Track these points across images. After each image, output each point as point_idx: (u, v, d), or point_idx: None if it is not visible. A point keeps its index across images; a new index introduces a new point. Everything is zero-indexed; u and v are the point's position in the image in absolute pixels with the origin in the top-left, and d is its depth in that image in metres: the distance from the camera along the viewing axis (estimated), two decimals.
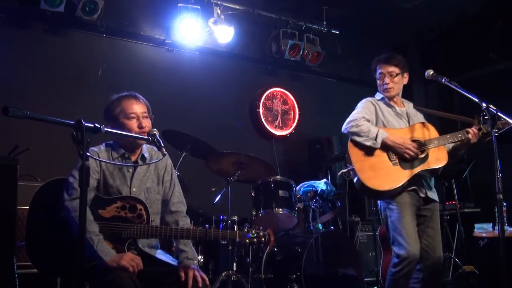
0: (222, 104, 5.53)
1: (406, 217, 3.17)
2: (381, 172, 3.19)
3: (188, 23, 5.13)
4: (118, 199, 2.44)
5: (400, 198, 3.21)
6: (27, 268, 3.12)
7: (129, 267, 2.24)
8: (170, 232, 2.44)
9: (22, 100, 4.26)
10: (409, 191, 3.22)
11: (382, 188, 3.16)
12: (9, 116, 1.75)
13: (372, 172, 3.20)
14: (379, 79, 3.47)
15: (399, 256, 3.14)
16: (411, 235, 3.15)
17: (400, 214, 3.18)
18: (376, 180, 3.17)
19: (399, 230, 3.16)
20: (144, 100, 2.65)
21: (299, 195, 4.35)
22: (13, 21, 4.52)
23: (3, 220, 2.92)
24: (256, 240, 2.50)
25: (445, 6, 5.93)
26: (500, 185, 2.52)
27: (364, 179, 3.17)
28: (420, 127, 3.35)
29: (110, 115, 2.57)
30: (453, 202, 5.55)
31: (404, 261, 3.11)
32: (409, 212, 3.20)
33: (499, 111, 2.64)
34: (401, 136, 3.27)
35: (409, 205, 3.22)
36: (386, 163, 3.21)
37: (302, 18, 5.95)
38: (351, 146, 3.28)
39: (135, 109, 2.55)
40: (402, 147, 3.18)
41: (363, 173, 3.20)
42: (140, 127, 2.52)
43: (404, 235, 3.13)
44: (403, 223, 3.16)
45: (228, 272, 3.81)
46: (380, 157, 3.23)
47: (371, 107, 3.44)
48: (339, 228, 4.98)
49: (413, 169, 3.18)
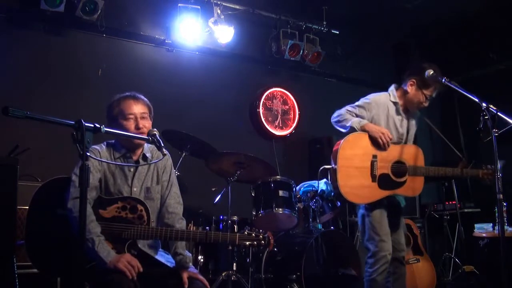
0: (222, 104, 5.53)
1: (380, 217, 3.34)
2: (358, 184, 3.27)
3: (188, 23, 5.12)
4: (119, 200, 2.44)
5: (375, 202, 3.34)
6: (27, 268, 3.12)
7: (126, 271, 2.24)
8: (171, 233, 2.44)
9: (22, 100, 4.26)
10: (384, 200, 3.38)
11: (353, 200, 3.32)
12: (9, 116, 1.75)
13: (350, 182, 3.27)
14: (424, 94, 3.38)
15: (375, 254, 3.29)
16: (386, 233, 3.33)
17: (376, 214, 3.34)
18: (350, 192, 3.27)
19: (376, 228, 3.32)
20: (145, 100, 2.64)
21: (299, 195, 4.36)
22: (13, 21, 4.52)
23: (3, 220, 2.91)
24: (256, 243, 2.51)
25: (445, 6, 5.93)
26: (500, 185, 2.52)
27: (341, 186, 3.25)
28: (410, 150, 3.41)
29: (110, 116, 2.58)
30: (453, 202, 5.56)
31: (381, 259, 3.27)
32: (383, 212, 3.36)
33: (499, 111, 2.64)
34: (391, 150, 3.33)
35: (384, 206, 3.37)
36: (366, 176, 3.28)
37: (302, 18, 5.95)
38: (342, 148, 3.30)
39: (133, 110, 2.55)
40: (378, 132, 3.27)
41: (342, 179, 3.26)
42: (137, 128, 2.52)
43: (379, 233, 3.31)
44: (378, 222, 3.33)
45: (228, 272, 3.82)
46: (363, 169, 3.29)
47: (367, 110, 3.42)
48: (339, 228, 4.98)
49: (388, 191, 3.31)
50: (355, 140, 3.32)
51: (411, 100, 3.44)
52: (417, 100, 3.42)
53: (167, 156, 2.68)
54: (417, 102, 3.43)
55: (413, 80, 3.41)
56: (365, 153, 3.29)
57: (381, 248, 3.28)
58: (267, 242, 2.53)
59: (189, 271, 2.52)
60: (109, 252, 2.29)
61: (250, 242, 2.51)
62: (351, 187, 3.26)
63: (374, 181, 3.27)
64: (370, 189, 3.27)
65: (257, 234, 2.51)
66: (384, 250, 3.28)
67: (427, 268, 4.66)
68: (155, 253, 2.53)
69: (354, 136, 3.32)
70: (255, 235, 2.51)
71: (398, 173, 3.32)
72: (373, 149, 3.30)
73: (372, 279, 3.29)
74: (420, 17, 6.21)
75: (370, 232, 3.34)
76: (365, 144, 3.30)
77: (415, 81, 3.40)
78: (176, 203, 2.67)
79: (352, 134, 3.32)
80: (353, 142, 3.31)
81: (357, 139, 3.32)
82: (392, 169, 3.32)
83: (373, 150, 3.30)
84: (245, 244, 2.51)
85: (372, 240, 3.33)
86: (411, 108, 3.48)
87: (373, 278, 3.29)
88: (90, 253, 2.26)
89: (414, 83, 3.40)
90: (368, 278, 3.33)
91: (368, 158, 3.29)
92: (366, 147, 3.30)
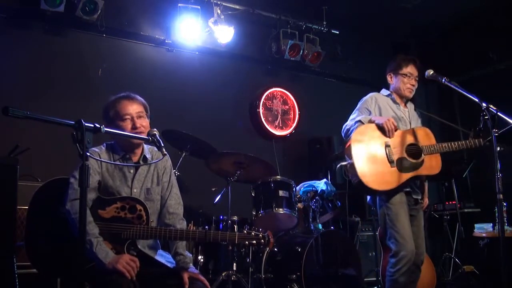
0: (222, 104, 5.53)
1: (402, 216, 3.30)
2: (378, 170, 3.26)
3: (188, 23, 5.13)
4: (117, 200, 2.43)
5: (396, 198, 3.32)
6: (27, 268, 3.11)
7: (125, 272, 2.23)
8: (170, 233, 2.43)
9: (22, 100, 4.26)
10: (404, 191, 3.35)
11: (377, 188, 3.26)
12: (9, 116, 1.75)
13: (371, 172, 3.25)
14: (404, 77, 3.51)
15: (397, 253, 3.24)
16: (408, 233, 3.28)
17: (397, 212, 3.30)
18: (371, 178, 3.24)
19: (397, 227, 3.28)
20: (139, 99, 2.63)
21: (299, 195, 4.36)
22: (13, 21, 4.53)
23: (3, 220, 2.92)
24: (255, 242, 2.50)
25: (445, 6, 5.94)
26: (500, 185, 2.52)
27: (361, 175, 3.24)
28: (420, 132, 3.41)
29: (107, 118, 2.57)
30: (453, 202, 5.55)
31: (403, 259, 3.21)
32: (404, 211, 3.33)
33: (499, 111, 2.64)
34: (401, 135, 3.34)
35: (404, 204, 3.35)
36: (384, 163, 3.27)
37: (302, 18, 5.95)
38: (354, 140, 3.32)
39: (128, 110, 2.54)
40: (383, 119, 3.31)
41: (362, 171, 3.25)
42: (133, 128, 2.51)
43: (401, 232, 3.26)
44: (400, 221, 3.29)
45: (228, 272, 3.82)
46: (380, 157, 3.28)
47: (371, 106, 3.48)
48: (339, 228, 4.98)
49: (408, 173, 3.28)
50: (365, 132, 3.34)
51: (398, 88, 3.55)
52: (402, 85, 3.53)
53: (166, 157, 2.67)
54: (404, 86, 3.53)
55: (388, 73, 3.62)
56: (377, 142, 3.31)
57: (402, 248, 3.22)
58: (267, 241, 2.51)
59: (190, 271, 2.51)
60: (107, 253, 2.29)
61: (250, 241, 2.49)
62: (372, 175, 3.24)
63: (393, 166, 3.26)
64: (392, 174, 3.25)
65: (256, 233, 2.50)
66: (406, 249, 3.22)
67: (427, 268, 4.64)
68: (154, 254, 2.53)
69: (361, 128, 3.34)
70: (254, 234, 2.50)
71: (414, 155, 3.31)
72: (384, 138, 3.31)
73: (394, 279, 3.23)
74: (420, 17, 6.21)
75: (391, 231, 3.30)
76: (375, 134, 3.33)
77: (389, 71, 3.61)
78: (176, 203, 2.67)
79: (360, 127, 3.34)
80: (363, 134, 3.34)
81: (366, 131, 3.34)
82: (407, 151, 3.31)
83: (384, 138, 3.31)
84: (244, 243, 2.49)
85: (393, 239, 3.28)
86: (404, 95, 3.55)
87: (395, 279, 3.23)
88: (89, 255, 2.25)
89: (390, 74, 3.60)
90: (390, 278, 3.27)
91: (382, 146, 3.30)
92: (376, 136, 3.32)
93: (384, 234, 3.41)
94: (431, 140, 3.39)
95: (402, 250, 3.22)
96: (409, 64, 3.53)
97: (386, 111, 3.50)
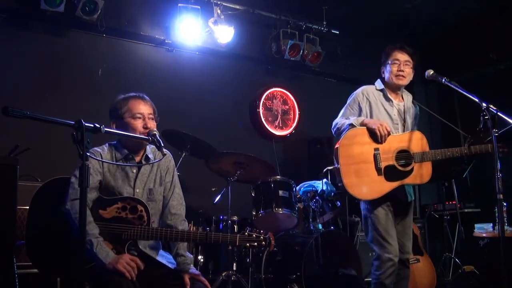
0: (222, 104, 5.53)
1: (385, 217, 3.23)
2: (364, 179, 3.17)
3: (188, 23, 5.13)
4: (119, 200, 2.43)
5: (380, 200, 3.23)
6: (27, 268, 3.12)
7: (125, 272, 2.23)
8: (171, 234, 2.43)
9: (22, 100, 4.26)
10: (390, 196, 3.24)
11: (360, 197, 3.22)
12: (9, 116, 1.75)
13: (356, 179, 3.17)
14: (391, 64, 3.37)
15: (380, 257, 3.18)
16: (391, 235, 3.21)
17: (379, 215, 3.23)
18: (357, 188, 3.17)
19: (379, 230, 3.21)
20: (150, 102, 2.66)
21: (299, 195, 4.36)
22: (13, 21, 4.52)
23: (3, 220, 2.92)
24: (256, 244, 2.50)
25: (445, 6, 5.93)
26: (500, 185, 2.52)
27: (347, 184, 3.16)
28: (412, 137, 3.28)
29: (116, 114, 2.57)
30: (453, 202, 5.55)
31: (387, 262, 3.16)
32: (388, 212, 3.25)
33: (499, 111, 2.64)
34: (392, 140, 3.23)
35: (389, 206, 3.26)
36: (371, 171, 3.17)
37: (302, 18, 5.95)
38: (342, 145, 3.23)
39: (141, 110, 2.55)
40: (376, 123, 3.20)
41: (347, 177, 3.17)
42: (145, 128, 2.52)
43: (383, 235, 3.20)
44: (382, 223, 3.22)
45: (228, 272, 3.82)
46: (367, 164, 3.18)
47: (362, 102, 3.39)
48: (339, 228, 4.98)
49: (395, 182, 3.19)
50: (354, 136, 3.24)
51: (389, 79, 3.40)
52: (390, 74, 3.38)
53: (169, 158, 2.69)
54: (392, 75, 3.37)
55: (381, 68, 3.51)
56: (366, 147, 3.20)
57: (385, 250, 3.16)
58: (268, 243, 2.51)
59: (191, 272, 2.52)
60: (108, 253, 2.29)
61: (251, 243, 2.49)
62: (357, 184, 3.15)
63: (380, 174, 3.15)
64: (377, 183, 3.15)
65: (258, 235, 2.50)
66: (389, 253, 3.15)
67: (427, 268, 4.65)
68: (156, 254, 2.53)
69: (352, 132, 3.24)
70: (255, 236, 2.50)
71: (404, 163, 3.20)
72: (373, 143, 3.21)
73: (380, 282, 3.17)
74: (420, 17, 6.21)
75: (373, 233, 3.23)
76: (365, 138, 3.22)
77: (381, 66, 3.49)
78: (179, 204, 2.67)
79: (350, 130, 3.24)
80: (352, 138, 3.23)
81: (355, 135, 3.24)
82: (396, 159, 3.19)
83: (374, 144, 3.20)
84: (245, 245, 2.49)
85: (376, 242, 3.22)
86: (395, 83, 3.38)
87: (380, 282, 3.17)
88: (89, 255, 2.25)
89: (382, 68, 3.49)
90: (375, 281, 3.20)
91: (370, 152, 3.19)
92: (366, 141, 3.21)
93: (367, 236, 3.34)
94: (424, 146, 3.26)
95: (385, 253, 3.15)
96: (394, 50, 3.39)
97: (378, 108, 3.37)
